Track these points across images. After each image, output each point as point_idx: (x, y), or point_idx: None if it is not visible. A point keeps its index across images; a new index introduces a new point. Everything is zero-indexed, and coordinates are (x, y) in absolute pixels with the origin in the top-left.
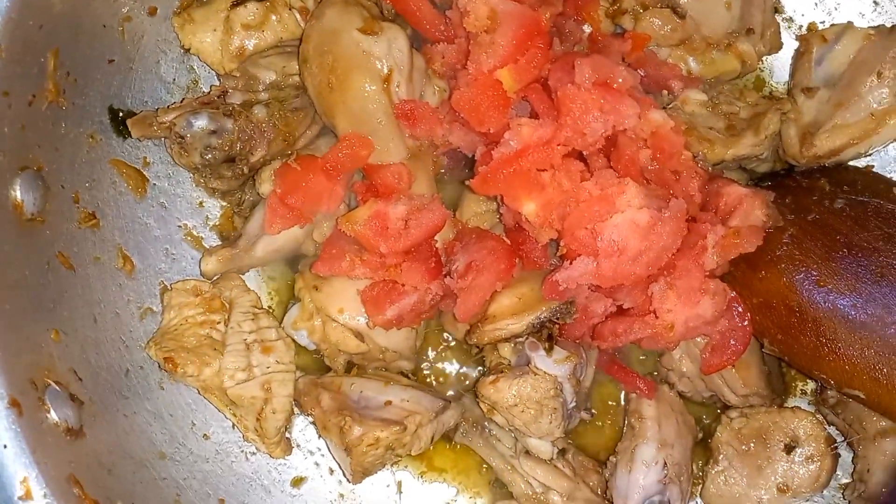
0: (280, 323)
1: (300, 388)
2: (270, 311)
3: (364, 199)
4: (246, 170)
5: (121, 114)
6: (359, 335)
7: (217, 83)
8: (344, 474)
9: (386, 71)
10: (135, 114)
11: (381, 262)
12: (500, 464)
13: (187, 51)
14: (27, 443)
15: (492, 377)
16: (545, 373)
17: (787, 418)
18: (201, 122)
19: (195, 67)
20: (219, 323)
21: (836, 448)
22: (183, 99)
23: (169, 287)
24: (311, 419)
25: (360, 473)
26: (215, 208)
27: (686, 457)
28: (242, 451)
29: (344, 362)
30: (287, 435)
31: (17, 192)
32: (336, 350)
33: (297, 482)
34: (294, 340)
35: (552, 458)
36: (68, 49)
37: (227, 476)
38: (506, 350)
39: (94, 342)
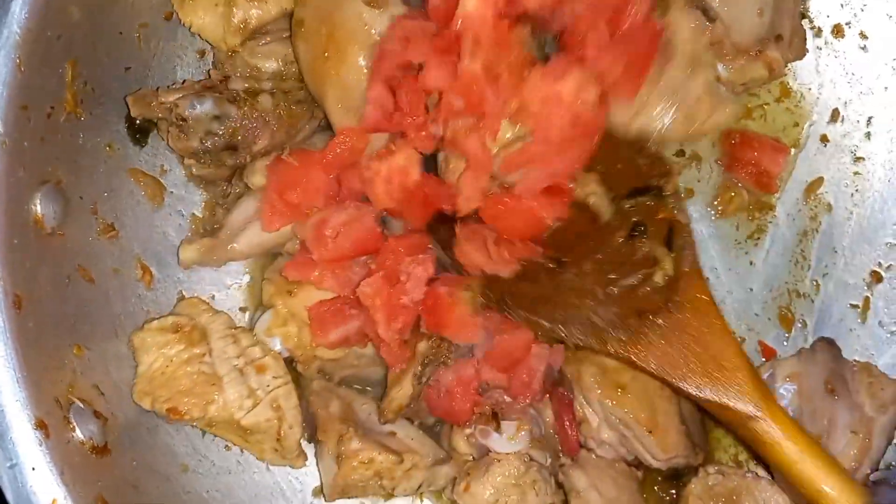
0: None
1: (314, 388)
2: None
3: None
4: (248, 159)
5: (137, 122)
6: None
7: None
8: (322, 488)
9: None
10: (149, 130)
11: (347, 279)
12: None
13: (189, 28)
14: (55, 464)
15: (462, 484)
16: (506, 454)
17: (762, 487)
18: (206, 107)
19: (211, 74)
20: (204, 355)
21: None
22: (184, 81)
23: (139, 328)
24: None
25: (338, 489)
26: None
27: (637, 501)
28: (263, 462)
29: (316, 369)
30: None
31: (38, 207)
32: (311, 356)
33: (318, 492)
34: None
35: None
36: (86, 59)
37: (249, 487)
38: (462, 447)
39: (115, 356)
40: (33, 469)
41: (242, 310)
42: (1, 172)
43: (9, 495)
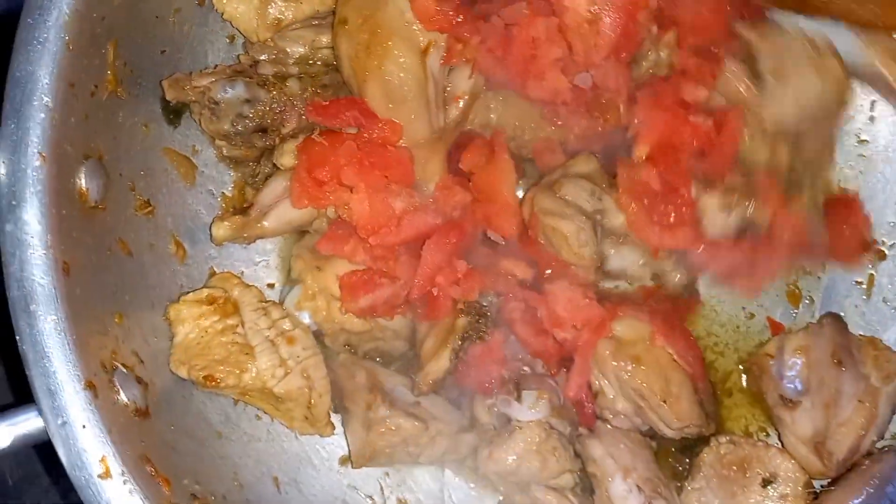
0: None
1: (341, 360)
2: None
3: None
4: (277, 141)
5: (171, 103)
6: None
7: (244, 52)
8: (349, 456)
9: (425, 44)
10: (181, 112)
11: (382, 253)
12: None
13: (221, 15)
14: (103, 424)
15: (486, 451)
16: (527, 422)
17: (772, 455)
18: (237, 91)
19: (241, 59)
20: (237, 327)
21: (814, 493)
22: (216, 66)
23: (176, 300)
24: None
25: (366, 456)
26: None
27: (651, 468)
28: (292, 432)
29: (343, 342)
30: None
31: (83, 181)
32: (339, 329)
33: (345, 461)
34: None
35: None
36: (125, 40)
37: (279, 455)
38: (483, 416)
39: (152, 326)
40: (83, 427)
41: (270, 286)
42: (50, 145)
43: (61, 453)
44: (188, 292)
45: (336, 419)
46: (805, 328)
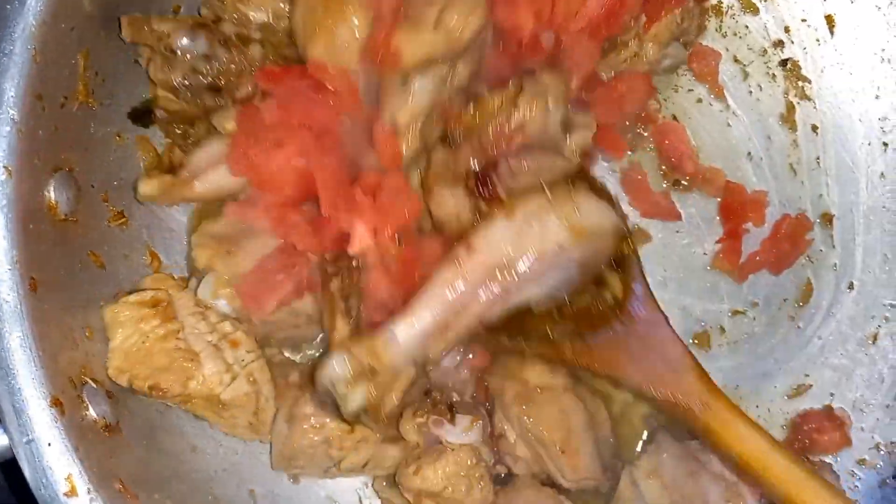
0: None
1: (277, 360)
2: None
3: None
4: (230, 103)
5: (137, 107)
6: None
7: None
8: (270, 454)
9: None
10: (151, 110)
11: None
12: None
13: None
14: (70, 440)
15: (412, 467)
16: (459, 445)
17: None
18: (198, 44)
19: (202, 12)
20: (178, 332)
21: None
22: (177, 15)
23: (113, 301)
24: None
25: (286, 455)
26: None
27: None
28: (235, 438)
29: (260, 328)
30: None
31: (52, 194)
32: None
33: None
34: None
35: None
36: (97, 50)
37: (255, 467)
38: (411, 435)
39: None
40: (49, 445)
41: None
42: (17, 159)
43: (26, 470)
44: (130, 293)
45: None
46: (644, 451)
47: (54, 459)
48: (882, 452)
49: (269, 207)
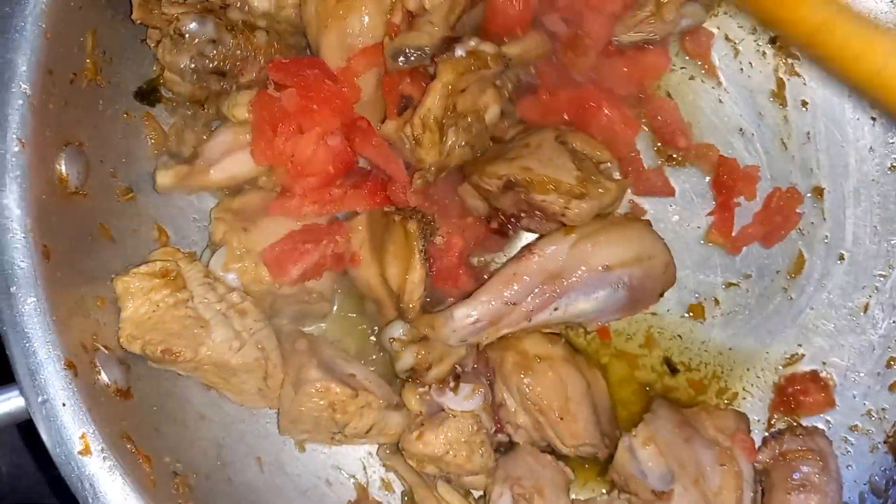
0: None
1: (286, 330)
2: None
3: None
4: (234, 88)
5: (142, 86)
6: None
7: None
8: (278, 420)
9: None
10: (156, 88)
11: (321, 197)
12: (421, 492)
13: None
14: (83, 402)
15: (415, 433)
16: (461, 412)
17: None
18: (206, 28)
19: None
20: (188, 301)
21: None
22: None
23: (124, 272)
24: None
25: (293, 419)
26: None
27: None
28: (275, 413)
29: (269, 305)
30: None
31: (63, 167)
32: (266, 291)
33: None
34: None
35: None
36: (104, 29)
37: (262, 436)
38: (413, 403)
39: None
40: (63, 405)
41: None
42: (29, 132)
43: (41, 429)
44: (141, 264)
45: None
46: (642, 420)
47: (69, 419)
48: (874, 419)
49: (308, 191)
